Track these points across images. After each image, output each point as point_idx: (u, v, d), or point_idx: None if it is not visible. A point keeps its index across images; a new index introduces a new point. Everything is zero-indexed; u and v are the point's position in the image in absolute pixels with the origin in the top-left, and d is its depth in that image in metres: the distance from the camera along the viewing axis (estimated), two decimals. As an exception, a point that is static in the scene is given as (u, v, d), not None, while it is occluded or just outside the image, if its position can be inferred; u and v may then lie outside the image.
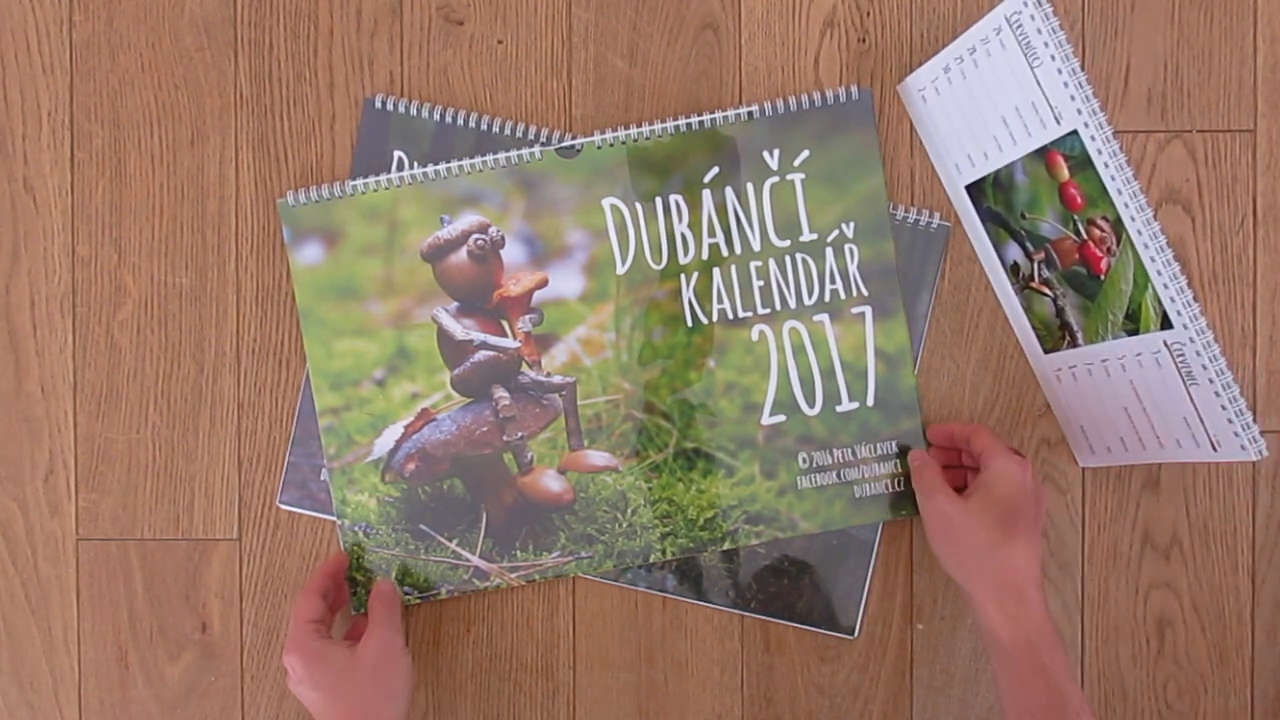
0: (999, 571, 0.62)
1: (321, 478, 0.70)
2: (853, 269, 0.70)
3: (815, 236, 0.70)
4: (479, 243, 0.69)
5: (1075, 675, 0.60)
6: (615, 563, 0.70)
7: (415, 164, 0.70)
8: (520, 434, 0.70)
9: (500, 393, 0.69)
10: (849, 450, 0.70)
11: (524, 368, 0.70)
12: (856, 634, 0.71)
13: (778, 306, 0.70)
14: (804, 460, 0.70)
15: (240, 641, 0.72)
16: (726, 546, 0.70)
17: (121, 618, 0.72)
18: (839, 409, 0.70)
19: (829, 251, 0.70)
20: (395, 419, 0.70)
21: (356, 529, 0.70)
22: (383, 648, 0.63)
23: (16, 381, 0.71)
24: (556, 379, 0.70)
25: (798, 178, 0.70)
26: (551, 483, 0.70)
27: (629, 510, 0.70)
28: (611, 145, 0.69)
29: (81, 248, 0.71)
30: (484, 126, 0.70)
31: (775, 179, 0.70)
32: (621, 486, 0.70)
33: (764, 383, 0.70)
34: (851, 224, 0.70)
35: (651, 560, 0.70)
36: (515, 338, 0.70)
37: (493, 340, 0.69)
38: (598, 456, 0.70)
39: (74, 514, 0.71)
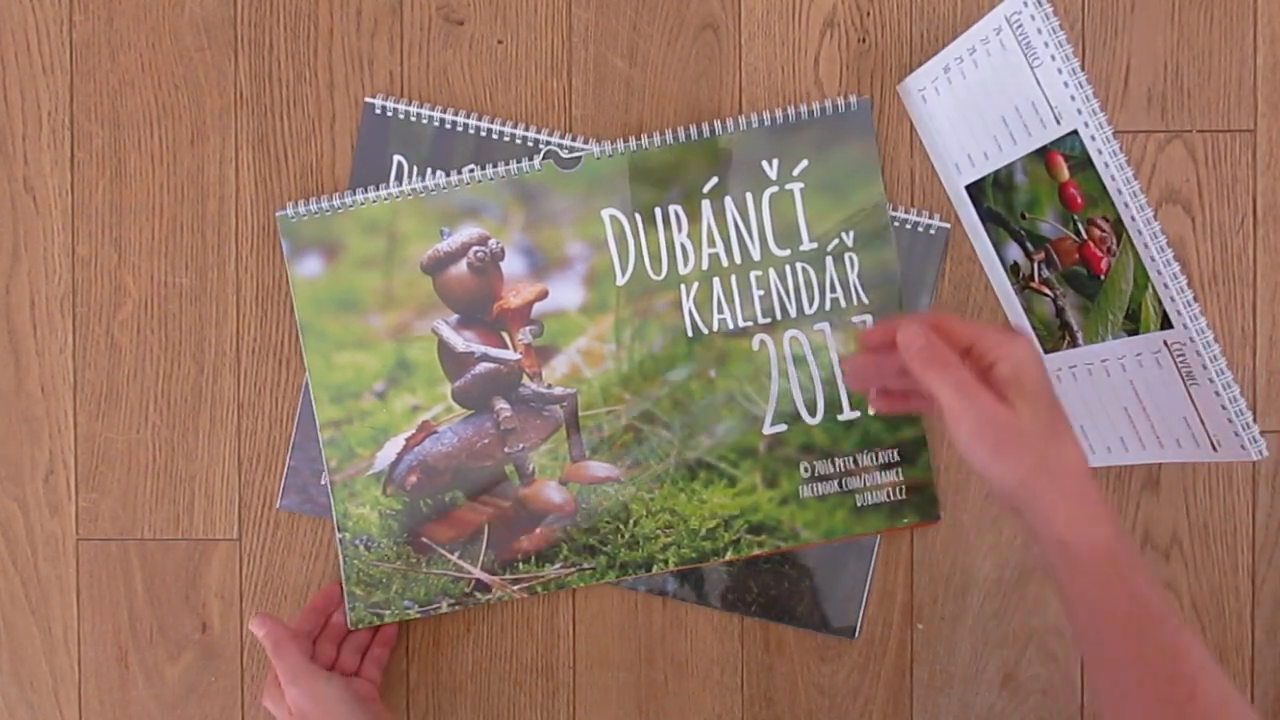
0: (1062, 472, 0.53)
1: (321, 482, 0.70)
2: (853, 278, 0.70)
3: (815, 245, 0.70)
4: (479, 255, 0.69)
5: (1158, 582, 0.56)
6: (618, 574, 0.70)
7: (415, 169, 0.70)
8: (521, 445, 0.69)
9: (501, 404, 0.69)
10: (850, 459, 0.70)
11: (524, 379, 0.70)
12: (856, 636, 0.71)
13: (778, 316, 0.70)
14: (805, 469, 0.70)
15: (240, 641, 0.72)
16: (729, 557, 0.70)
17: (121, 618, 0.72)
18: (840, 418, 0.70)
19: (829, 260, 0.70)
20: (396, 431, 0.69)
21: (358, 542, 0.70)
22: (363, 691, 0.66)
23: (16, 381, 0.71)
24: (557, 390, 0.70)
25: (797, 187, 0.70)
26: (553, 494, 0.70)
27: (631, 521, 0.70)
28: (610, 156, 0.69)
29: (81, 248, 0.71)
30: (483, 132, 0.70)
31: (774, 188, 0.70)
32: (623, 497, 0.70)
33: (765, 392, 0.70)
34: (851, 233, 0.70)
35: (654, 571, 0.70)
36: (516, 349, 0.69)
37: (493, 352, 0.69)
38: (599, 468, 0.70)
39: (74, 514, 0.71)
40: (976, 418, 0.53)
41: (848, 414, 0.70)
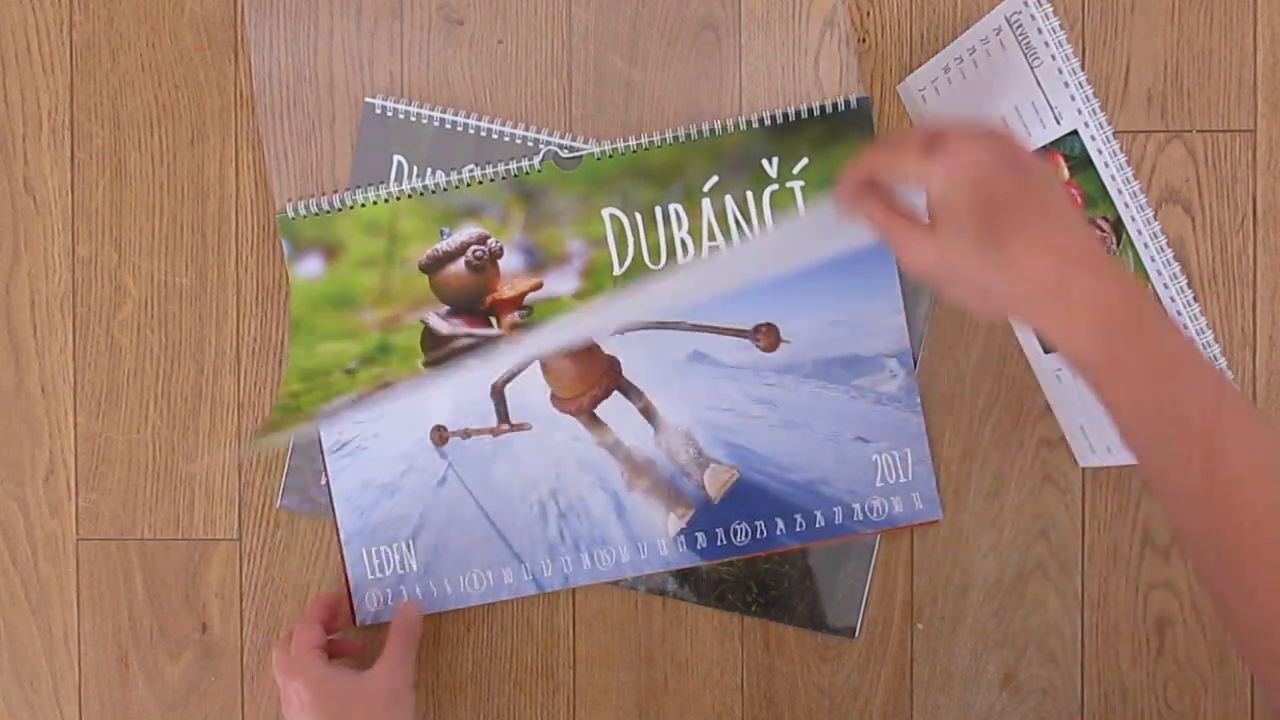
0: (1015, 292, 0.49)
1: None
2: None
3: None
4: (477, 254, 0.69)
5: (1175, 356, 0.47)
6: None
7: (415, 169, 0.70)
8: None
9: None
10: None
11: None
12: (857, 636, 0.71)
13: None
14: None
15: (240, 641, 0.72)
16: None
17: (121, 618, 0.72)
18: None
19: None
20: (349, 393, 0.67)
21: None
22: (394, 682, 0.63)
23: (16, 381, 0.71)
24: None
25: (797, 185, 0.70)
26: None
27: None
28: (610, 156, 0.69)
29: (81, 248, 0.71)
30: (483, 132, 0.70)
31: (775, 187, 0.70)
32: None
33: None
34: None
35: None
36: (502, 330, 0.69)
37: (476, 331, 0.69)
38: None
39: (74, 514, 0.71)
40: (911, 263, 0.51)
41: None
